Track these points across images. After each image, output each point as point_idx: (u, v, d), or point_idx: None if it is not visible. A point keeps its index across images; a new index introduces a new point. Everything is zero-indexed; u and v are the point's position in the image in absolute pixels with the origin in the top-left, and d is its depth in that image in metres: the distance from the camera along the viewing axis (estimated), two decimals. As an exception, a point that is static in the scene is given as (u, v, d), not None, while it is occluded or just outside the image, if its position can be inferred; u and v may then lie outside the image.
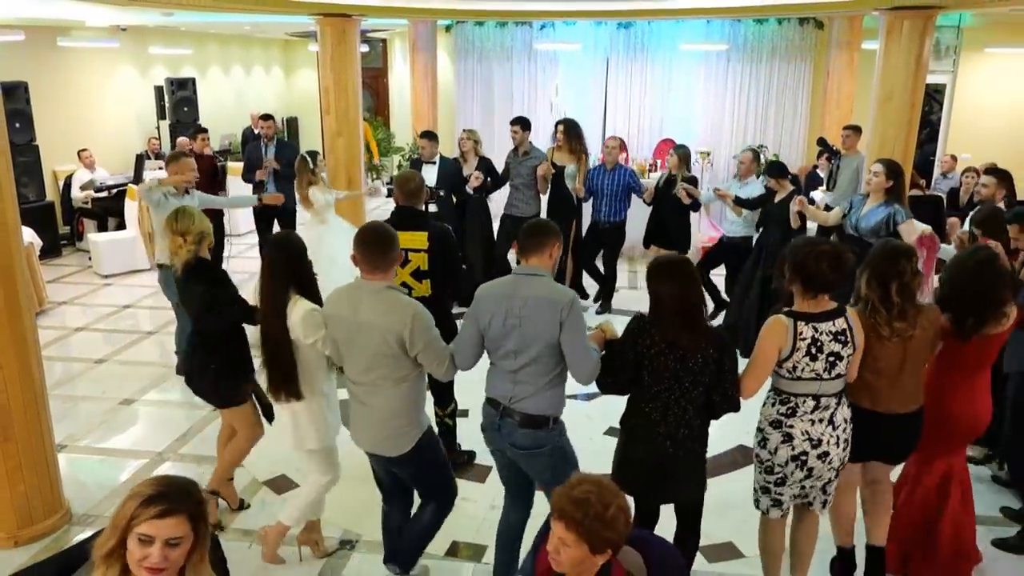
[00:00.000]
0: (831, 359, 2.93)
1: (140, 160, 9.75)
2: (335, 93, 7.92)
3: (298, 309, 3.24)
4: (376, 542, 3.81)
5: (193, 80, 11.87)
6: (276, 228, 8.01)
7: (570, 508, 1.88)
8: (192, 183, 5.64)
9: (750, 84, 11.07)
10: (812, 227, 7.06)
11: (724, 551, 3.79)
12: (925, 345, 3.16)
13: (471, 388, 3.56)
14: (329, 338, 3.18)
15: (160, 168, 10.20)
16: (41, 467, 3.93)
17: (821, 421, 3.00)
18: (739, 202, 6.48)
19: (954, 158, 9.10)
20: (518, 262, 3.12)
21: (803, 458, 3.01)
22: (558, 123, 7.30)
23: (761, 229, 6.43)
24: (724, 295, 7.09)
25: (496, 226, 7.53)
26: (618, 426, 3.15)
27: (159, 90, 11.68)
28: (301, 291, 3.30)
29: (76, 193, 9.70)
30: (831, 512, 3.39)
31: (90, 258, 9.08)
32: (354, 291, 3.08)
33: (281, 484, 4.46)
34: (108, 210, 9.66)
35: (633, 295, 7.83)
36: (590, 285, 7.73)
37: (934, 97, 11.39)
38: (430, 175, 6.78)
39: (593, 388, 3.14)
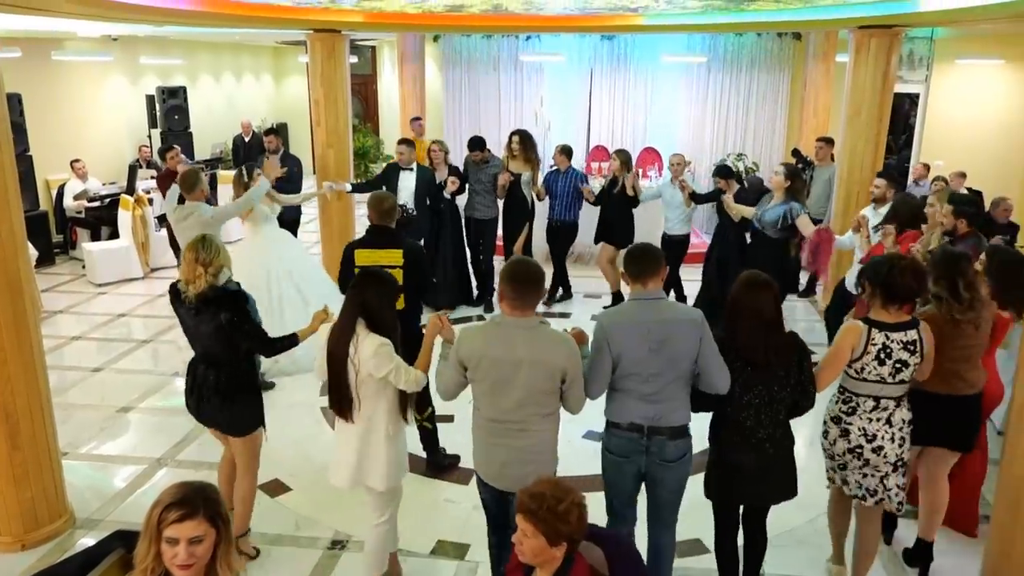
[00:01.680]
0: (897, 366, 3.26)
1: (133, 171, 9.92)
2: (325, 106, 8.15)
3: (369, 343, 3.21)
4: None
5: (184, 89, 12.06)
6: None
7: (527, 501, 2.15)
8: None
9: (730, 94, 11.36)
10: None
11: (692, 547, 4.05)
12: (988, 332, 3.63)
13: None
14: (458, 379, 3.15)
15: (152, 177, 10.39)
16: (47, 473, 4.14)
17: (879, 420, 3.34)
18: (694, 196, 7.17)
19: (926, 167, 9.38)
20: (618, 288, 3.25)
21: (859, 451, 3.37)
22: (512, 134, 7.86)
23: (719, 222, 7.15)
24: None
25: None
26: (596, 430, 3.36)
27: (150, 99, 11.86)
28: (372, 327, 3.26)
29: (69, 202, 9.87)
30: (923, 505, 3.83)
31: (84, 267, 9.26)
32: (499, 328, 3.04)
33: (275, 487, 4.68)
34: (101, 219, 9.83)
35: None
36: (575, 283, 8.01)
37: (915, 102, 11.70)
38: (408, 181, 7.09)
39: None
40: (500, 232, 7.96)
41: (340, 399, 3.30)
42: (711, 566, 3.89)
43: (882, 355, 3.24)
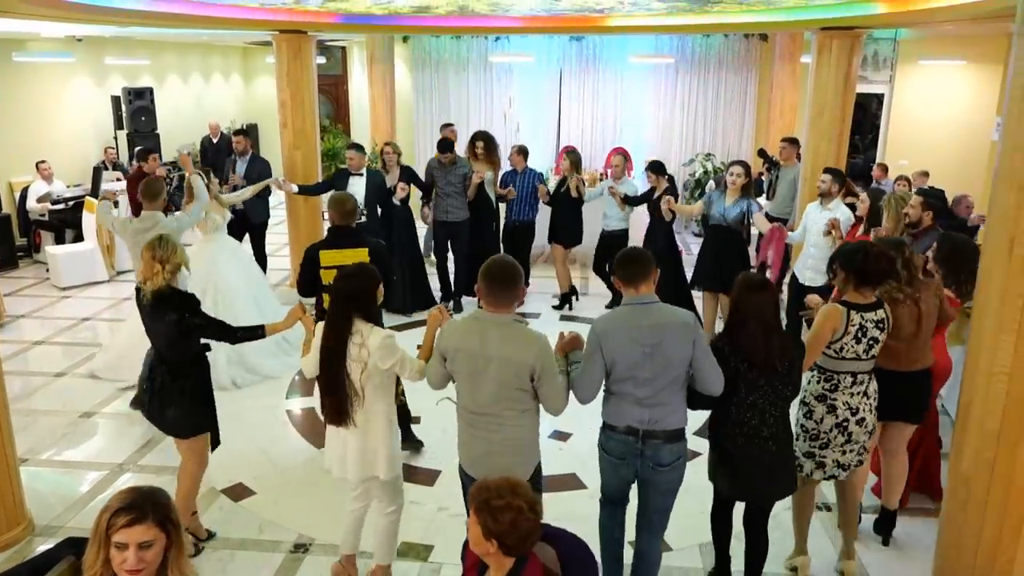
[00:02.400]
0: (870, 342, 3.51)
1: (98, 172, 9.79)
2: (292, 108, 8.11)
3: (374, 336, 3.28)
4: (329, 545, 4.03)
5: (151, 90, 11.90)
6: (247, 238, 8.14)
7: (475, 488, 2.17)
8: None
9: (698, 95, 11.46)
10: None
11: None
12: (933, 311, 3.87)
13: (426, 392, 3.59)
14: (440, 369, 3.20)
15: (119, 179, 10.26)
16: (4, 481, 4.07)
17: (859, 393, 3.58)
18: (626, 199, 7.40)
19: (884, 169, 9.52)
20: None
21: (844, 424, 3.57)
22: (477, 138, 7.89)
23: (650, 219, 7.31)
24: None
25: (422, 237, 8.08)
26: (562, 430, 3.38)
27: (116, 100, 11.70)
28: (367, 319, 3.33)
29: (33, 205, 9.72)
30: (885, 476, 4.10)
31: (47, 270, 9.12)
32: (477, 323, 3.09)
33: (239, 491, 4.64)
34: (65, 222, 9.70)
35: (585, 301, 8.16)
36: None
37: (882, 102, 11.87)
38: (358, 186, 7.09)
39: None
40: None
41: (335, 398, 3.32)
42: (673, 563, 3.95)
43: (859, 334, 3.49)
